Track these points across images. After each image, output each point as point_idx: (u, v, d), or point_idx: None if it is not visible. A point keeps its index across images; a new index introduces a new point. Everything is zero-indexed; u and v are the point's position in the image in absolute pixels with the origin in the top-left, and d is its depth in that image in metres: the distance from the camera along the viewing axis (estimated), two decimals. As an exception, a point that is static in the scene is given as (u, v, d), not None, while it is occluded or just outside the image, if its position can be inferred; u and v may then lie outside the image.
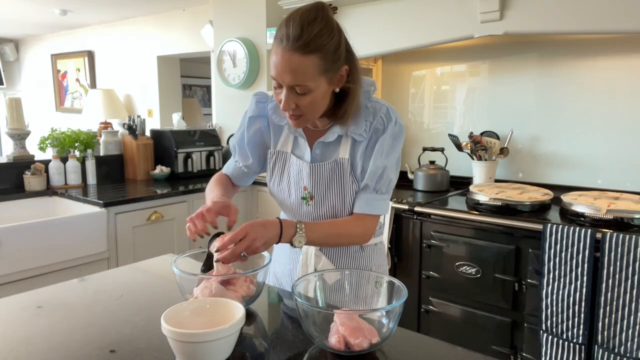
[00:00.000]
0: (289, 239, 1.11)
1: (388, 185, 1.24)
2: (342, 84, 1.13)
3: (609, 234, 1.75)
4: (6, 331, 1.00)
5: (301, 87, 1.07)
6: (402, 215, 2.34)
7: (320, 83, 1.08)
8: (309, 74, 1.05)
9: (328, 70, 1.07)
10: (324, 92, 1.10)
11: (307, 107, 1.10)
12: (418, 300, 2.32)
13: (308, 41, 1.02)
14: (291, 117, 1.15)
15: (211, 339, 0.81)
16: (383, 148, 1.20)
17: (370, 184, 1.21)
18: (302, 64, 1.03)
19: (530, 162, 2.66)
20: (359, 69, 1.16)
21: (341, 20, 2.88)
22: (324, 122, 1.24)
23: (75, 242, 2.34)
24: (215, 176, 1.39)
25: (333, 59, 1.07)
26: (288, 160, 1.29)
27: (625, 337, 1.74)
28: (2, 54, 6.14)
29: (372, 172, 1.20)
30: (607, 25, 2.08)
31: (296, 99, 1.09)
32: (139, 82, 4.85)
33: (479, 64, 2.81)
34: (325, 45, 1.04)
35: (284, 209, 1.36)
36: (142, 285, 1.31)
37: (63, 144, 2.88)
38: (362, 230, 1.23)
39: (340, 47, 1.08)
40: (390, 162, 1.22)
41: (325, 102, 1.13)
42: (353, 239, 1.25)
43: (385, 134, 1.20)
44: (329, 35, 1.04)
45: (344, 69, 1.11)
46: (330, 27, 1.05)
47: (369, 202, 1.22)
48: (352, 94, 1.14)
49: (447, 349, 0.95)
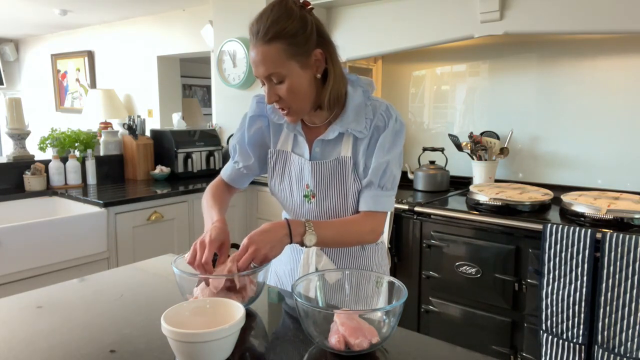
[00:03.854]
0: (300, 237, 1.11)
1: (393, 181, 1.24)
2: (321, 68, 1.15)
3: (609, 234, 1.75)
4: (6, 331, 1.00)
5: (275, 75, 1.11)
6: (402, 215, 2.34)
7: (292, 68, 1.10)
8: (276, 60, 1.09)
9: (297, 54, 1.10)
10: (300, 78, 1.12)
11: (288, 95, 1.13)
12: (418, 300, 2.32)
13: (266, 30, 1.08)
14: (283, 113, 1.18)
15: (211, 339, 0.81)
16: (385, 144, 1.20)
17: (375, 180, 1.21)
18: (267, 52, 1.08)
19: (530, 162, 2.66)
20: (335, 53, 1.17)
21: (341, 20, 2.88)
22: (320, 117, 1.24)
23: (75, 242, 2.34)
24: (211, 187, 1.37)
25: (299, 43, 1.09)
26: (289, 159, 1.29)
27: (625, 337, 1.74)
28: (2, 54, 6.14)
29: (375, 168, 1.20)
30: (607, 25, 2.09)
31: (276, 90, 1.13)
32: (139, 82, 4.85)
33: (479, 64, 2.81)
34: (285, 30, 1.07)
35: (286, 208, 1.36)
36: (142, 285, 1.31)
37: (63, 144, 2.88)
38: (370, 227, 1.23)
39: (306, 30, 1.10)
40: (393, 158, 1.22)
41: (306, 87, 1.14)
42: (363, 237, 1.24)
43: (387, 131, 1.20)
44: (286, 21, 1.08)
45: (317, 52, 1.13)
46: (289, 14, 1.09)
47: (375, 199, 1.22)
48: (329, 76, 1.16)
49: (447, 349, 0.95)
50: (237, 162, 1.36)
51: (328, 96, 1.16)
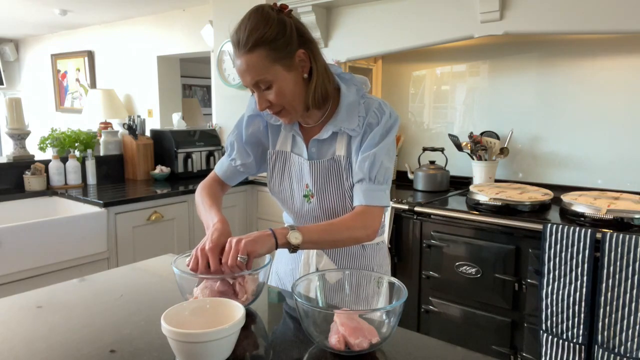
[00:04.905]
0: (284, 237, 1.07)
1: (385, 173, 1.21)
2: (306, 68, 1.15)
3: (609, 234, 1.75)
4: (6, 331, 1.00)
5: (262, 82, 1.11)
6: (402, 215, 2.34)
7: (277, 72, 1.11)
8: (261, 67, 1.09)
9: (280, 58, 1.10)
10: (287, 80, 1.12)
11: (278, 99, 1.13)
12: (418, 300, 2.32)
13: (246, 39, 1.08)
14: (277, 116, 1.20)
15: (211, 339, 0.81)
16: (375, 138, 1.20)
17: (364, 173, 1.19)
18: (251, 60, 1.09)
19: (530, 162, 2.66)
20: (317, 51, 1.18)
21: (341, 20, 2.88)
22: (314, 117, 1.25)
23: (75, 242, 2.34)
24: (205, 186, 1.35)
25: (280, 47, 1.10)
26: (288, 159, 1.30)
27: (625, 337, 1.74)
28: (2, 54, 6.14)
29: (361, 161, 1.19)
30: (607, 25, 2.08)
31: (265, 96, 1.14)
32: (139, 82, 4.85)
33: (479, 64, 2.81)
34: (265, 36, 1.08)
35: (286, 208, 1.36)
36: (142, 285, 1.31)
37: (63, 144, 2.88)
38: (362, 223, 1.19)
39: (286, 34, 1.10)
40: (380, 149, 1.19)
41: (294, 88, 1.14)
42: (355, 233, 1.19)
43: (378, 127, 1.20)
44: (264, 27, 1.08)
45: (300, 53, 1.13)
46: (266, 20, 1.09)
47: (367, 193, 1.19)
48: (313, 74, 1.16)
49: (447, 349, 0.95)
50: (234, 159, 1.35)
51: (313, 94, 1.16)
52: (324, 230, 1.16)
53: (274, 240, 1.07)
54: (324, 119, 1.24)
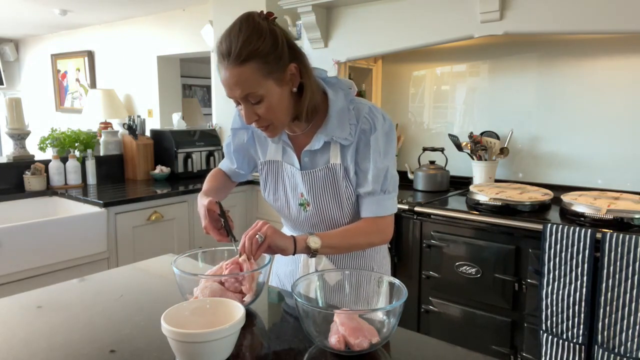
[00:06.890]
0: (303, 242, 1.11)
1: (394, 183, 1.23)
2: (296, 82, 1.12)
3: (609, 234, 1.75)
4: (6, 331, 1.00)
5: (252, 96, 1.07)
6: (402, 215, 2.34)
7: (269, 86, 1.07)
8: (253, 81, 1.05)
9: (272, 72, 1.06)
10: (278, 95, 1.09)
11: (268, 113, 1.10)
12: (418, 300, 2.32)
13: (239, 51, 1.03)
14: (262, 129, 1.15)
15: (211, 339, 0.81)
16: (379, 148, 1.18)
17: (377, 187, 1.20)
18: (242, 74, 1.04)
19: (530, 162, 2.66)
20: (308, 64, 1.14)
21: (341, 20, 2.88)
22: (300, 126, 1.22)
23: (75, 242, 2.34)
24: (213, 171, 1.46)
25: (273, 60, 1.06)
26: (281, 169, 1.29)
27: (625, 337, 1.74)
28: (2, 54, 6.14)
29: (375, 175, 1.19)
30: (607, 25, 2.08)
31: (254, 109, 1.09)
32: (139, 82, 4.85)
33: (479, 64, 2.81)
34: (258, 50, 1.03)
35: (283, 217, 1.38)
36: (142, 285, 1.31)
37: (63, 144, 2.88)
38: (377, 227, 1.22)
39: (278, 47, 1.06)
40: (390, 160, 1.21)
41: (285, 104, 1.11)
42: (371, 238, 1.23)
43: (377, 133, 1.18)
44: (257, 40, 1.04)
45: (292, 67, 1.09)
46: (259, 32, 1.04)
47: (379, 204, 1.21)
48: (305, 89, 1.13)
49: (447, 349, 0.95)
50: (231, 162, 1.41)
51: (305, 109, 1.14)
52: (342, 235, 1.20)
53: (292, 243, 1.10)
54: (311, 127, 1.22)
